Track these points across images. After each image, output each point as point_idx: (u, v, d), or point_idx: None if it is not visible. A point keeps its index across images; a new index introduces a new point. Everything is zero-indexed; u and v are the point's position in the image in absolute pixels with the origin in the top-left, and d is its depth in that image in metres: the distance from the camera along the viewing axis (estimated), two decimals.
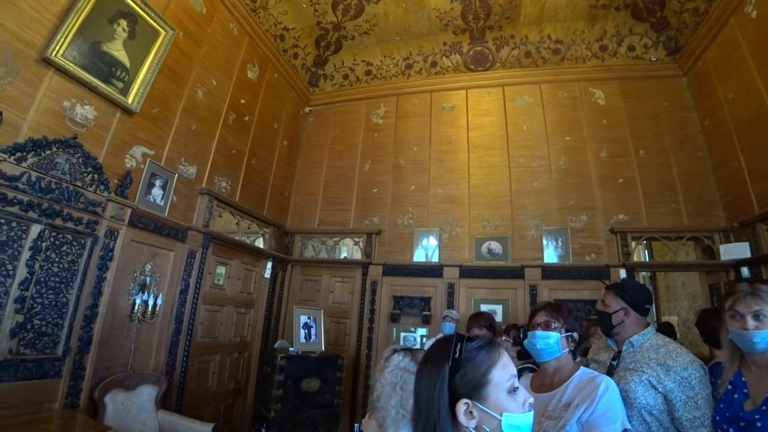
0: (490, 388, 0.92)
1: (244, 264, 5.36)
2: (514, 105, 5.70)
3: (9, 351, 2.81)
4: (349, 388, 5.08)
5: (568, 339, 1.65)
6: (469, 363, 0.94)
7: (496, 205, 5.33)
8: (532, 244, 5.05)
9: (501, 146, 5.54)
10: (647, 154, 5.02)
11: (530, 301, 4.77)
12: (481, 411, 0.90)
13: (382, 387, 1.57)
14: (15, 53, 2.91)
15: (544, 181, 5.23)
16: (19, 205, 2.90)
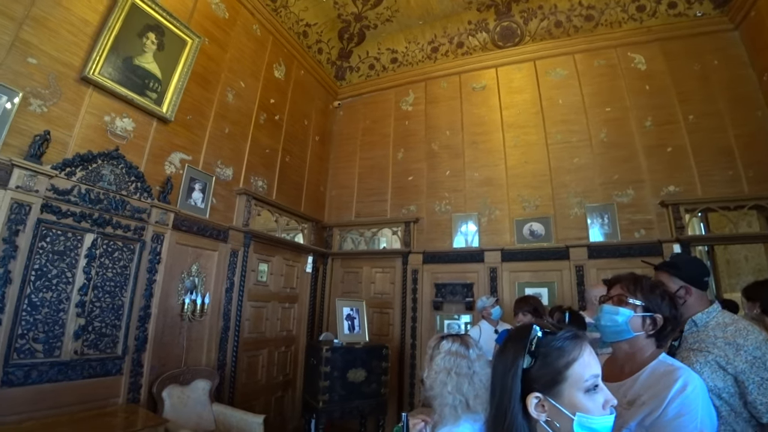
0: (566, 386, 0.88)
1: (286, 260, 5.51)
2: (548, 79, 5.46)
3: (74, 351, 3.07)
4: (395, 377, 5.13)
5: (645, 320, 1.35)
6: (545, 358, 0.91)
7: (535, 184, 5.16)
8: (576, 223, 4.85)
9: (537, 123, 5.34)
10: (697, 118, 4.64)
11: (577, 282, 4.60)
12: (552, 406, 0.88)
13: (435, 374, 1.59)
14: (57, 75, 3.12)
15: (585, 156, 4.99)
16: (73, 217, 3.13)
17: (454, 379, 1.55)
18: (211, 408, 3.80)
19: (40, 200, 2.93)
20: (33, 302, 2.89)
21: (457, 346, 1.63)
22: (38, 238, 2.94)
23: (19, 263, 2.80)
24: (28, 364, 2.81)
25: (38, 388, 2.83)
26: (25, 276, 2.85)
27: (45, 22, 3.06)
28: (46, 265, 2.98)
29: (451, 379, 1.55)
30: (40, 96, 3.02)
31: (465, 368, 1.57)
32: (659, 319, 1.34)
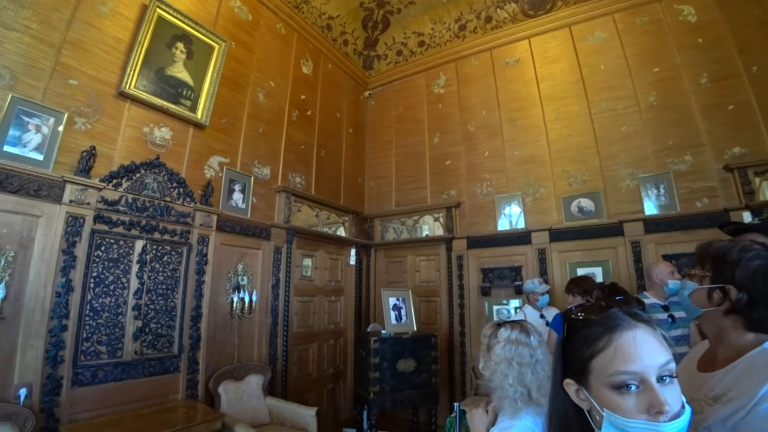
0: (592, 378, 0.78)
1: (329, 254, 5.59)
2: (586, 45, 5.09)
3: (135, 352, 3.27)
4: (445, 366, 5.08)
5: (713, 293, 1.10)
6: (574, 345, 0.83)
7: (581, 158, 4.87)
8: (629, 196, 4.53)
9: (577, 93, 5.02)
10: (762, 69, 4.11)
11: (634, 259, 4.30)
12: (588, 397, 0.79)
13: (495, 365, 1.49)
14: (97, 93, 3.31)
15: (634, 123, 4.62)
16: (123, 225, 3.32)
17: (515, 370, 1.45)
18: (265, 401, 3.93)
19: (92, 212, 3.13)
20: (94, 307, 3.10)
21: (516, 333, 1.53)
22: (93, 248, 3.15)
23: (78, 272, 3.01)
24: (94, 365, 3.03)
25: (104, 387, 3.05)
26: (85, 283, 3.07)
27: (81, 44, 3.24)
28: (102, 272, 3.19)
29: (512, 369, 1.45)
30: (83, 114, 3.21)
31: (527, 357, 1.47)
32: (732, 291, 1.06)
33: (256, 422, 3.66)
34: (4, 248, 2.71)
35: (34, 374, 2.71)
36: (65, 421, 2.79)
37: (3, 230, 2.72)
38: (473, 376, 4.93)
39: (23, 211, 2.81)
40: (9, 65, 2.85)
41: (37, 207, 2.87)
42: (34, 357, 2.73)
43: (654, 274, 2.95)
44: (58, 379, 2.80)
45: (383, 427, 4.81)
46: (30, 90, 2.94)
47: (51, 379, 2.77)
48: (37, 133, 2.93)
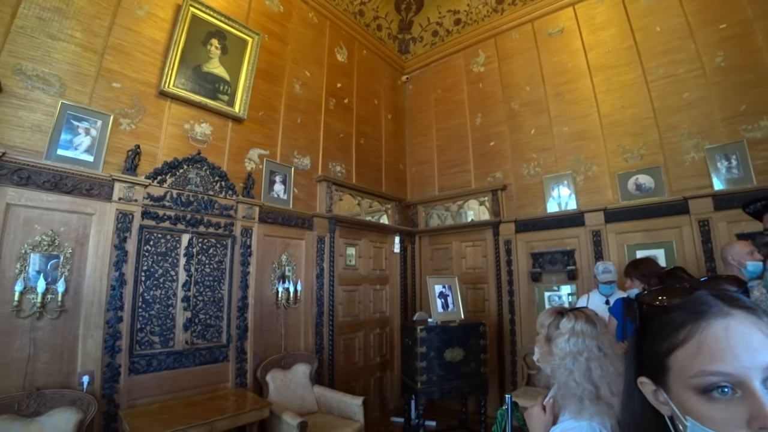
0: (671, 378, 0.62)
1: (373, 242, 5.56)
2: (638, 6, 4.59)
3: (185, 342, 3.41)
4: (494, 356, 4.93)
5: None
6: (648, 334, 0.68)
7: (637, 131, 4.45)
8: (694, 170, 4.09)
9: (631, 60, 4.56)
10: None
11: (702, 240, 3.89)
12: (668, 400, 0.63)
13: (559, 360, 1.35)
14: (138, 94, 3.44)
15: (698, 88, 4.14)
16: (169, 220, 3.45)
17: (582, 365, 1.29)
18: (312, 390, 3.99)
19: (140, 208, 3.27)
20: (146, 299, 3.26)
21: (582, 324, 1.36)
22: (143, 243, 3.29)
23: (130, 266, 3.17)
24: (148, 354, 3.19)
25: (158, 375, 3.21)
26: (137, 277, 3.22)
27: (121, 48, 3.37)
28: (152, 266, 3.34)
29: (578, 364, 1.30)
30: (127, 115, 3.35)
31: (595, 350, 1.31)
32: None
33: (303, 411, 3.71)
34: (63, 246, 2.90)
35: (95, 363, 2.89)
36: (124, 407, 2.97)
37: (61, 229, 2.90)
38: (524, 366, 4.74)
39: (78, 210, 2.99)
40: (58, 73, 3.02)
41: (89, 206, 3.04)
42: (93, 347, 2.91)
43: (729, 255, 2.62)
44: (116, 367, 2.98)
45: (431, 417, 4.76)
46: (78, 95, 3.10)
47: (110, 367, 2.95)
48: (87, 136, 3.09)
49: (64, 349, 2.81)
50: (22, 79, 2.85)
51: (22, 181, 2.74)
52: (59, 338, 2.79)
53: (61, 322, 2.82)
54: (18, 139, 2.80)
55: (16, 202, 2.73)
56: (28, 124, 2.86)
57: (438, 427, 4.72)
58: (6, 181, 2.68)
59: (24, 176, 2.75)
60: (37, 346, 2.70)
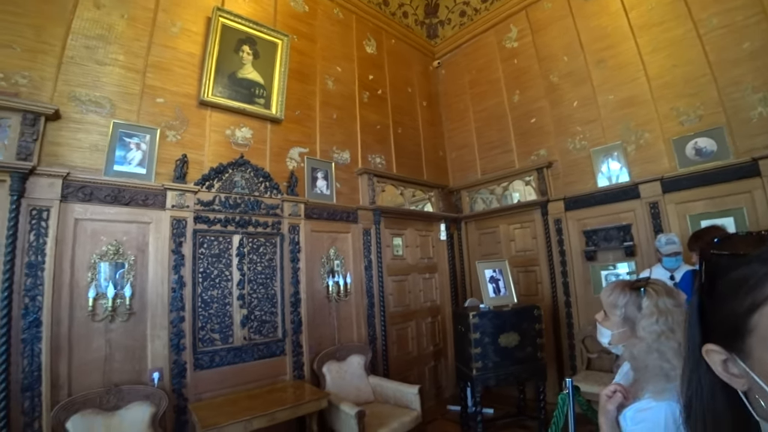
0: (754, 342, 0.52)
1: (418, 231, 5.52)
2: None
3: (244, 338, 3.56)
4: (551, 340, 4.75)
5: None
6: (719, 292, 0.58)
7: (691, 91, 4.07)
8: (763, 127, 3.65)
9: (678, 13, 4.15)
10: None
11: None
12: (746, 371, 0.53)
13: (651, 342, 1.21)
14: (181, 107, 3.61)
15: (760, 35, 3.67)
16: (219, 223, 3.60)
17: (674, 344, 1.17)
18: (367, 381, 4.03)
19: (192, 214, 3.44)
20: (204, 299, 3.43)
21: (665, 299, 1.23)
22: (197, 246, 3.47)
23: (187, 268, 3.35)
24: (210, 351, 3.36)
25: (221, 370, 3.37)
26: (195, 278, 3.40)
27: (160, 65, 3.56)
28: (208, 267, 3.50)
29: (670, 344, 1.17)
30: (172, 127, 3.53)
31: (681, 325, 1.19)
32: None
33: (360, 400, 3.76)
34: (126, 253, 3.11)
35: (163, 360, 3.09)
36: (192, 400, 3.15)
37: (123, 238, 3.12)
38: (584, 350, 4.52)
39: (136, 219, 3.19)
40: (108, 95, 3.24)
41: (146, 215, 3.24)
42: (161, 345, 3.10)
43: None
44: (182, 364, 3.16)
45: (488, 405, 4.66)
46: (127, 114, 3.31)
47: (177, 364, 3.14)
48: (138, 150, 3.30)
49: (135, 348, 3.02)
50: (77, 105, 3.09)
51: (86, 197, 2.97)
52: (130, 339, 3.01)
53: (130, 324, 3.03)
54: (79, 159, 3.03)
55: (83, 216, 2.97)
56: (86, 145, 3.09)
57: (496, 414, 4.62)
58: (73, 198, 2.92)
59: (87, 192, 2.98)
60: (112, 347, 2.92)
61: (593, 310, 4.56)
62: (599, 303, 1.49)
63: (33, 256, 2.72)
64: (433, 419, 4.54)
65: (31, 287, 2.68)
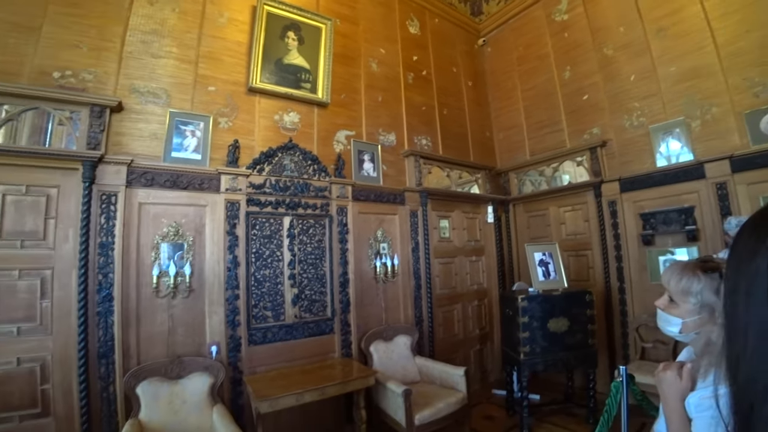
0: None
1: (465, 213, 5.39)
2: None
3: (294, 316, 3.65)
4: (602, 327, 4.49)
5: None
6: None
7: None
8: None
9: None
10: None
11: None
12: None
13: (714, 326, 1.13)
14: (231, 94, 3.70)
15: None
16: (270, 205, 3.68)
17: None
18: (414, 361, 4.02)
19: (245, 196, 3.54)
20: (257, 279, 3.53)
21: None
22: (250, 227, 3.57)
23: (241, 249, 3.45)
24: (263, 327, 3.47)
25: (273, 346, 3.49)
26: (248, 258, 3.51)
27: (211, 55, 3.66)
28: (260, 248, 3.60)
29: None
30: (224, 114, 3.63)
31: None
32: None
33: (406, 380, 3.76)
34: (185, 235, 3.26)
35: (220, 335, 3.23)
36: (246, 373, 3.28)
37: (182, 220, 3.26)
38: (638, 339, 4.24)
39: (194, 202, 3.33)
40: (164, 87, 3.38)
41: (203, 198, 3.37)
42: (217, 321, 3.24)
43: None
44: (237, 339, 3.29)
45: (535, 390, 4.51)
46: (182, 103, 3.44)
47: (232, 339, 3.27)
48: (193, 138, 3.42)
49: (195, 323, 3.18)
50: (137, 96, 3.24)
51: (148, 182, 3.13)
52: (190, 314, 3.17)
53: (190, 300, 3.19)
54: (140, 148, 3.19)
55: (146, 200, 3.13)
56: (146, 134, 3.24)
57: (542, 400, 4.47)
58: (136, 184, 3.08)
59: (149, 178, 3.13)
60: (174, 321, 3.09)
61: (649, 297, 4.32)
62: (657, 290, 1.34)
63: (104, 237, 2.90)
64: (478, 402, 4.47)
65: (104, 265, 2.88)
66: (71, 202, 2.87)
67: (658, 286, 4.19)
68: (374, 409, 3.54)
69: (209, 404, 2.86)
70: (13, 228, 2.70)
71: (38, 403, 2.63)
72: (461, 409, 3.45)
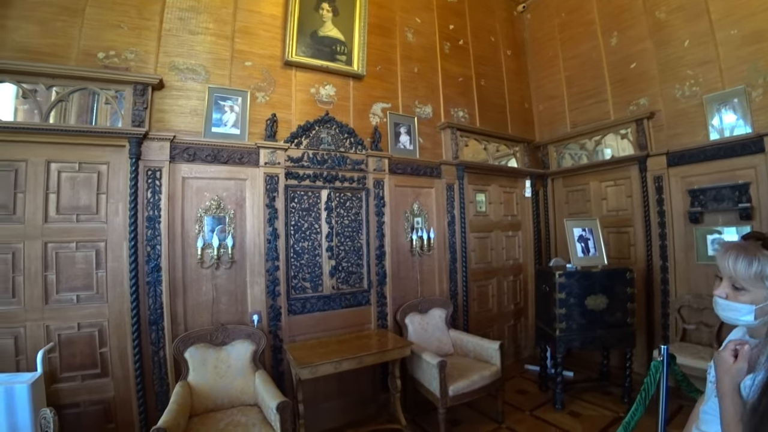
0: None
1: (502, 187, 5.17)
2: None
3: (332, 287, 3.65)
4: (642, 306, 4.24)
5: None
6: None
7: None
8: None
9: None
10: None
11: None
12: None
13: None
14: (267, 68, 3.62)
15: None
16: (308, 179, 3.64)
17: None
18: (448, 334, 3.96)
19: (283, 170, 3.51)
20: (296, 251, 3.54)
21: None
22: (288, 200, 3.55)
23: (281, 221, 3.45)
24: (302, 298, 3.49)
25: (311, 316, 3.52)
26: (287, 231, 3.51)
27: (247, 30, 3.57)
28: (299, 221, 3.59)
29: None
30: (261, 89, 3.57)
31: None
32: None
33: (441, 352, 3.72)
34: (227, 208, 3.28)
35: (261, 305, 3.28)
36: (286, 341, 3.33)
37: (223, 194, 3.28)
38: (679, 320, 3.98)
39: (234, 176, 3.33)
40: (202, 63, 3.34)
41: (243, 172, 3.36)
42: (259, 291, 3.29)
43: None
44: (278, 308, 3.33)
45: (568, 368, 4.36)
46: (220, 79, 3.40)
47: (273, 308, 3.31)
48: (232, 113, 3.39)
49: (237, 293, 3.23)
50: (176, 74, 3.23)
51: (190, 157, 3.14)
52: (233, 284, 3.22)
53: (233, 271, 3.24)
54: (182, 124, 3.20)
55: (188, 175, 3.16)
56: (187, 110, 3.24)
57: (576, 377, 4.34)
58: (179, 159, 3.10)
59: (191, 153, 3.14)
60: (218, 291, 3.16)
61: (694, 278, 4.06)
62: (703, 270, 1.19)
63: (151, 211, 2.96)
64: (510, 377, 4.39)
65: (151, 238, 2.94)
66: (120, 177, 2.93)
67: (704, 267, 3.94)
68: (408, 379, 3.55)
69: (252, 370, 2.93)
70: (69, 203, 2.80)
71: (98, 364, 2.79)
72: (495, 382, 3.39)
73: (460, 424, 3.46)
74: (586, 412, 3.61)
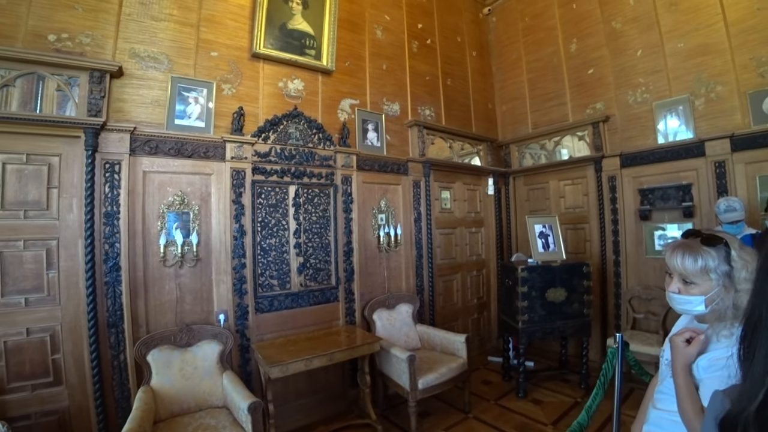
0: None
1: (466, 185, 5.26)
2: None
3: (300, 284, 3.58)
4: (597, 298, 4.46)
5: None
6: None
7: None
8: None
9: None
10: None
11: None
12: None
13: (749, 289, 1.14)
14: (234, 60, 3.47)
15: None
16: (276, 174, 3.53)
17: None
18: (415, 328, 4.00)
19: (250, 165, 3.38)
20: (263, 248, 3.43)
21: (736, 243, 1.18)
22: (255, 196, 3.43)
23: (247, 218, 3.33)
24: (269, 296, 3.40)
25: (279, 314, 3.43)
26: (254, 228, 3.40)
27: (213, 18, 3.39)
28: (266, 217, 3.48)
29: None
30: (227, 81, 3.42)
31: None
32: None
33: (409, 347, 3.76)
34: (191, 203, 3.12)
35: (228, 303, 3.16)
36: (254, 341, 3.24)
37: (188, 189, 3.12)
38: (629, 310, 4.23)
39: (199, 171, 3.17)
40: (165, 51, 3.14)
41: (208, 166, 3.21)
42: (225, 289, 3.16)
43: None
44: (245, 307, 3.22)
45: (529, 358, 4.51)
46: (184, 69, 3.22)
47: (240, 307, 3.20)
48: (196, 104, 3.22)
49: (203, 291, 3.10)
50: (137, 61, 3.02)
51: (152, 150, 2.96)
52: (198, 283, 3.08)
53: (197, 269, 3.09)
54: (143, 115, 3.00)
55: (150, 168, 2.97)
56: (148, 100, 3.04)
57: (537, 367, 4.51)
58: (140, 152, 2.92)
59: (153, 146, 2.96)
60: (182, 290, 3.01)
61: (643, 270, 4.31)
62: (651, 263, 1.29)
63: (109, 207, 2.77)
64: (475, 368, 4.49)
65: (110, 235, 2.75)
66: (74, 171, 2.71)
67: (652, 260, 4.21)
68: (377, 374, 3.55)
69: (219, 371, 2.82)
70: (16, 198, 2.56)
71: (50, 372, 2.57)
72: (462, 374, 3.46)
73: (430, 416, 3.50)
74: (547, 399, 3.76)
